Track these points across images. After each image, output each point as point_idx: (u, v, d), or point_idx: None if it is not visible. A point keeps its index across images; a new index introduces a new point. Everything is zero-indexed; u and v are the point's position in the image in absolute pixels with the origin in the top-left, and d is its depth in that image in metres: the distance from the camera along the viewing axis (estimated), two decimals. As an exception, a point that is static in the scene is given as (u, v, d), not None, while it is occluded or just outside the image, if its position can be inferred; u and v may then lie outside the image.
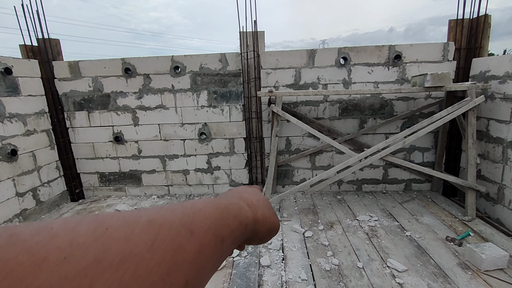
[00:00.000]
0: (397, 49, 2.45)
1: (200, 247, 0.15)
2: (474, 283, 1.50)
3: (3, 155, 2.23)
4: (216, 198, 0.24)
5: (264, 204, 0.26)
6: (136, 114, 2.71)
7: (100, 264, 0.11)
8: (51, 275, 0.10)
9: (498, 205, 2.16)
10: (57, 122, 2.68)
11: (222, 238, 0.17)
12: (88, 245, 0.11)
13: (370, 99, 2.58)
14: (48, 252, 0.10)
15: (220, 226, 0.17)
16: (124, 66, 2.59)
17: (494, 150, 2.17)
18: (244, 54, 2.48)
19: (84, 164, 2.88)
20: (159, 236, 0.13)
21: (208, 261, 0.16)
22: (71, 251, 0.10)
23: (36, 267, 0.09)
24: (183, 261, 0.14)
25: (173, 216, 0.15)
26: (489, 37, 2.31)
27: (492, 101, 2.18)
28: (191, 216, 0.16)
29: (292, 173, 2.81)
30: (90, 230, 0.12)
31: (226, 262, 1.73)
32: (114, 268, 0.11)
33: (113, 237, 0.12)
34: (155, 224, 0.14)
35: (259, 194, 0.28)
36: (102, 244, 0.11)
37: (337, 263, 1.70)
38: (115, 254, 0.11)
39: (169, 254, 0.13)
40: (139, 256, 0.12)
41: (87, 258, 0.11)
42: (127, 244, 0.12)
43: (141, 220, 0.14)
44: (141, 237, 0.13)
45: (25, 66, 2.44)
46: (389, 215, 2.30)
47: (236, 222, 0.20)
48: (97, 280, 0.10)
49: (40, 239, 0.10)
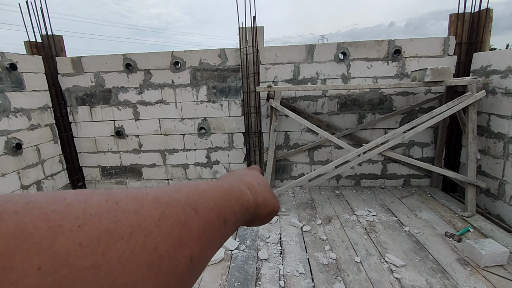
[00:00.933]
0: (396, 43, 2.44)
1: (204, 226, 0.15)
2: (473, 279, 1.49)
3: (8, 148, 2.29)
4: (218, 180, 0.25)
5: (264, 187, 0.27)
6: (137, 109, 2.75)
7: (111, 234, 0.11)
8: (67, 241, 0.10)
9: (498, 201, 2.13)
10: (60, 116, 2.74)
11: (224, 218, 0.18)
12: (100, 216, 0.11)
13: (369, 94, 2.57)
14: (63, 220, 0.10)
15: (223, 208, 0.18)
16: (125, 62, 2.63)
17: (495, 145, 2.14)
18: (243, 50, 2.49)
19: (86, 158, 2.93)
20: (166, 212, 0.14)
21: (212, 239, 0.16)
22: (85, 220, 0.11)
23: (53, 232, 0.10)
24: (188, 238, 0.14)
25: (179, 195, 0.16)
26: (491, 31, 2.28)
27: (493, 96, 2.15)
28: (196, 196, 0.17)
29: (291, 167, 2.81)
30: (102, 202, 0.12)
31: (225, 255, 1.75)
32: (125, 239, 0.11)
33: (123, 210, 0.12)
34: (162, 201, 0.14)
35: (260, 177, 0.28)
36: (113, 216, 0.12)
37: (335, 257, 1.71)
38: (125, 226, 0.12)
39: (175, 230, 0.14)
40: (147, 229, 0.12)
41: (100, 228, 0.11)
42: (136, 217, 0.12)
43: (148, 196, 0.14)
44: (149, 212, 0.13)
45: (30, 62, 2.50)
46: (388, 210, 2.29)
47: (238, 204, 0.20)
48: (109, 250, 0.11)
49: (55, 207, 0.11)
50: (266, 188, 0.27)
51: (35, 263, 0.09)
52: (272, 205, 0.26)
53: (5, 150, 2.28)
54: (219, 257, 1.71)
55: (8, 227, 0.09)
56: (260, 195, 0.25)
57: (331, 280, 1.53)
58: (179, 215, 0.14)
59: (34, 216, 0.10)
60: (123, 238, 0.11)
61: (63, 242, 0.10)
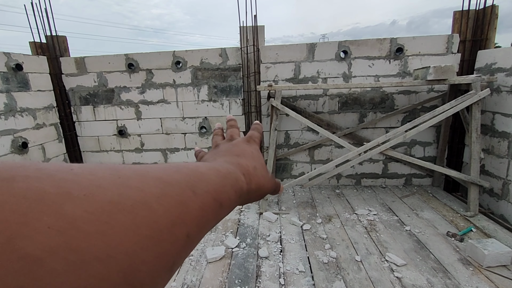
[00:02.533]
0: (399, 42, 2.41)
1: (202, 207, 0.16)
2: (476, 279, 1.47)
3: (15, 147, 2.35)
4: (216, 161, 0.26)
5: (260, 172, 0.27)
6: (139, 109, 2.78)
7: (115, 206, 0.12)
8: (74, 207, 0.11)
9: (502, 200, 2.10)
10: (65, 116, 2.79)
11: (220, 203, 0.18)
12: (105, 188, 0.12)
13: (370, 92, 2.55)
14: (70, 188, 0.11)
15: (219, 193, 0.19)
16: (128, 62, 2.66)
17: (499, 144, 2.11)
18: (244, 49, 2.50)
19: (89, 156, 2.98)
20: (166, 191, 0.14)
21: (208, 220, 0.17)
22: (90, 190, 0.11)
23: (61, 198, 0.11)
24: (186, 216, 0.15)
25: (179, 176, 0.16)
26: (496, 29, 2.24)
27: (498, 94, 2.11)
28: (194, 178, 0.17)
29: (291, 166, 2.82)
30: (106, 175, 0.13)
31: (225, 253, 1.76)
32: (127, 211, 0.12)
33: (126, 184, 0.13)
34: (163, 180, 0.15)
35: (257, 158, 0.28)
36: (117, 189, 0.12)
37: (335, 256, 1.70)
38: (128, 199, 0.12)
39: (174, 208, 0.14)
40: (148, 204, 0.13)
41: (104, 199, 0.12)
42: (138, 192, 0.13)
43: (150, 174, 0.15)
44: (150, 189, 0.14)
45: (35, 62, 2.55)
46: (389, 209, 2.28)
47: (232, 191, 0.21)
48: (112, 219, 0.11)
49: (64, 176, 0.11)
50: (261, 172, 0.27)
51: (45, 222, 0.10)
52: (265, 189, 0.27)
53: (12, 149, 2.33)
54: (219, 254, 1.73)
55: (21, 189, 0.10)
56: (253, 181, 0.25)
57: (331, 278, 1.53)
58: (178, 195, 0.15)
59: (44, 181, 0.11)
60: (125, 210, 0.12)
61: (70, 207, 0.10)
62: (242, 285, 1.50)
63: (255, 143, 0.31)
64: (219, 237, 1.97)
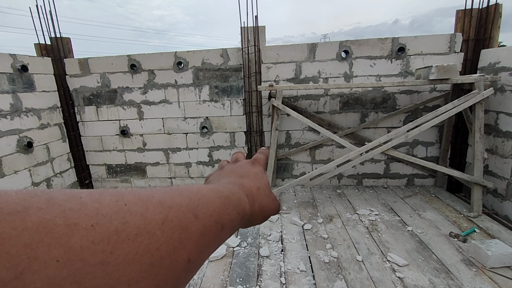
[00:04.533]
0: (400, 41, 2.40)
1: (203, 231, 0.16)
2: (479, 280, 1.45)
3: (20, 147, 2.39)
4: (219, 183, 0.26)
5: (264, 192, 0.27)
6: (141, 109, 2.81)
7: (120, 235, 0.12)
8: (81, 238, 0.11)
9: (506, 201, 2.07)
10: (68, 116, 2.83)
11: (222, 225, 0.18)
12: (111, 217, 0.12)
13: (372, 92, 2.54)
14: (78, 219, 0.11)
15: (221, 215, 0.19)
16: (130, 63, 2.69)
17: (503, 144, 2.08)
18: (245, 49, 2.51)
19: (93, 156, 3.02)
20: (169, 216, 0.15)
21: (209, 243, 0.17)
22: (97, 220, 0.12)
23: (70, 230, 0.11)
24: (187, 241, 0.15)
25: (181, 199, 0.17)
26: (500, 27, 2.21)
27: (502, 93, 2.08)
28: (196, 201, 0.17)
29: (292, 166, 2.81)
30: (113, 202, 0.13)
31: (227, 252, 1.77)
32: (131, 240, 0.12)
33: (131, 211, 0.13)
34: (165, 205, 0.15)
35: (261, 179, 0.28)
36: (122, 217, 0.13)
37: (336, 255, 1.70)
38: (132, 227, 0.13)
39: (176, 234, 0.14)
40: (151, 232, 0.13)
41: (110, 229, 0.12)
42: (142, 220, 0.13)
43: (153, 199, 0.15)
44: (153, 215, 0.14)
45: (40, 64, 2.59)
46: (390, 209, 2.26)
47: (235, 213, 0.21)
48: (117, 248, 0.12)
49: (72, 206, 0.12)
50: (265, 193, 0.27)
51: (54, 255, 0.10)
52: (269, 210, 0.27)
53: (17, 148, 2.37)
54: (221, 253, 1.74)
55: (33, 222, 0.10)
56: (257, 203, 0.25)
57: (332, 278, 1.53)
58: (180, 220, 0.15)
59: (54, 213, 0.11)
60: (129, 239, 0.12)
61: (78, 239, 0.11)
62: (243, 283, 1.50)
63: (259, 165, 0.31)
64: (220, 236, 1.97)
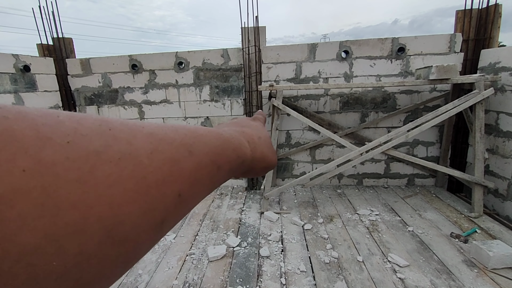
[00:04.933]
0: (400, 41, 2.40)
1: (197, 167, 0.15)
2: (480, 281, 1.45)
3: (21, 146, 2.41)
4: (219, 128, 0.24)
5: (265, 142, 0.26)
6: (142, 109, 2.82)
7: (100, 156, 0.11)
8: (54, 153, 0.10)
9: (508, 201, 2.06)
10: (70, 116, 2.84)
11: (218, 165, 0.17)
12: (91, 138, 0.11)
13: (372, 92, 2.54)
14: (53, 134, 0.10)
15: (218, 155, 0.17)
16: (131, 63, 2.71)
17: (504, 144, 2.08)
18: (246, 49, 2.52)
19: (94, 156, 3.03)
20: (159, 147, 0.13)
21: (203, 181, 0.16)
22: (75, 138, 0.11)
23: (41, 142, 0.10)
24: (178, 175, 0.14)
25: (175, 135, 0.15)
26: (500, 28, 2.22)
27: (502, 93, 2.08)
28: (192, 138, 0.16)
29: (292, 166, 2.81)
30: (95, 125, 0.12)
31: (227, 252, 1.76)
32: (113, 163, 0.11)
33: (115, 136, 0.12)
34: (156, 137, 0.14)
35: (262, 130, 0.28)
36: (105, 140, 0.11)
37: (337, 256, 1.69)
38: (115, 151, 0.11)
39: (166, 166, 0.13)
40: (137, 159, 0.12)
41: (89, 148, 0.11)
42: (128, 146, 0.12)
43: (143, 130, 0.14)
44: (141, 144, 0.13)
45: (42, 64, 2.61)
46: (391, 210, 2.26)
47: (234, 155, 0.20)
48: (96, 169, 0.10)
49: (47, 121, 0.10)
50: (266, 143, 0.26)
51: (20, 165, 0.09)
52: (269, 160, 0.26)
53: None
54: (221, 253, 1.73)
55: None
56: (258, 150, 0.24)
57: (333, 278, 1.52)
58: (172, 153, 0.14)
59: (23, 124, 0.10)
60: (111, 162, 0.11)
61: (50, 153, 0.10)
62: (243, 284, 1.50)
63: (259, 121, 0.31)
64: (221, 236, 1.97)
